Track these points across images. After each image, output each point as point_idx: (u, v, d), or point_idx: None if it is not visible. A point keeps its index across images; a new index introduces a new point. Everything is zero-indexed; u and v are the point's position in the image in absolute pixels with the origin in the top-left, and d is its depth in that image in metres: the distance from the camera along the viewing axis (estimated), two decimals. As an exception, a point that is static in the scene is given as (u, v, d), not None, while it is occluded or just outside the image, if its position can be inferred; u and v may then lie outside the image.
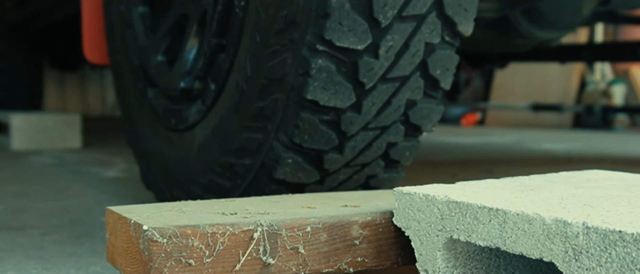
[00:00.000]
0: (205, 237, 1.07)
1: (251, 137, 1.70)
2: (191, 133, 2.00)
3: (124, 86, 2.48)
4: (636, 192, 1.15)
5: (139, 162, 2.42)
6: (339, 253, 1.19)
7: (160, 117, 2.17)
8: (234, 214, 1.17)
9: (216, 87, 1.86)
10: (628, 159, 4.81)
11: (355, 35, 1.50)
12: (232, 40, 1.79)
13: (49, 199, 2.69)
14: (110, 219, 1.20)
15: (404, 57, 1.58)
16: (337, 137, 1.62)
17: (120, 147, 4.86)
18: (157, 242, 1.04)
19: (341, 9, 1.48)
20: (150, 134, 2.28)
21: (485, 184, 1.24)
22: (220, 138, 1.83)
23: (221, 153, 1.82)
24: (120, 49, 2.45)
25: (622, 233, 0.85)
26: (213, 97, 1.88)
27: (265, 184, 1.71)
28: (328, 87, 1.54)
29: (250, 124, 1.70)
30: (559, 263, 0.92)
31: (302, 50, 1.53)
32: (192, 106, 2.00)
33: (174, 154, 2.10)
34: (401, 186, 1.21)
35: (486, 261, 1.17)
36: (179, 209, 1.20)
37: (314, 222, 1.16)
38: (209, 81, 1.91)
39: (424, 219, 1.13)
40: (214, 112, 1.88)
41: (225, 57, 1.83)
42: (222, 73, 1.84)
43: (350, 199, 1.39)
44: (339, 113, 1.58)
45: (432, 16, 1.58)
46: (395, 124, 1.69)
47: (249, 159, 1.73)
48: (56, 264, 1.71)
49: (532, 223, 0.96)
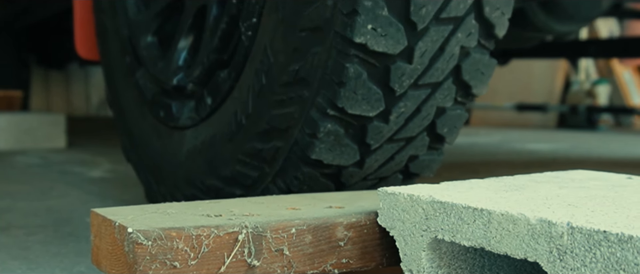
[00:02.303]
0: (190, 239, 1.07)
1: (245, 173, 1.66)
2: (181, 135, 1.93)
3: (108, 52, 2.35)
4: (620, 192, 1.16)
5: (122, 138, 2.33)
6: (324, 254, 1.19)
7: (149, 104, 2.08)
8: (218, 216, 1.16)
9: (212, 103, 1.79)
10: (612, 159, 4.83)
11: (369, 104, 1.46)
12: (235, 64, 1.72)
13: (33, 200, 2.68)
14: (95, 221, 1.19)
15: (414, 120, 1.54)
16: (335, 187, 1.62)
17: (105, 147, 4.85)
18: (142, 244, 1.03)
19: (358, 79, 1.42)
20: (137, 116, 2.17)
21: (470, 184, 1.24)
22: (210, 159, 1.77)
23: (208, 174, 1.78)
24: (107, 10, 2.31)
25: (607, 233, 0.85)
26: (208, 111, 1.81)
27: None
28: (334, 149, 1.51)
29: (245, 159, 1.66)
30: (544, 263, 0.92)
31: (311, 111, 1.48)
32: (185, 106, 1.92)
33: (162, 148, 2.03)
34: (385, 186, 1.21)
35: (471, 261, 1.17)
36: (164, 211, 1.20)
37: (299, 223, 1.16)
38: (205, 92, 1.83)
39: (409, 219, 1.13)
40: (207, 126, 1.81)
41: (226, 77, 1.75)
42: (220, 92, 1.77)
43: (334, 200, 1.38)
44: (340, 169, 1.57)
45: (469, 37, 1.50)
46: (419, 135, 1.62)
47: (240, 190, 1.69)
48: (41, 264, 1.71)
49: (517, 223, 0.96)
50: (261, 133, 1.60)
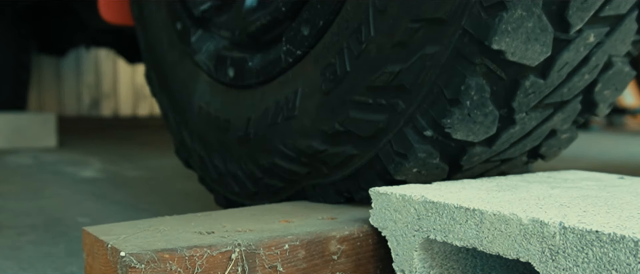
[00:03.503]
0: (183, 260, 1.06)
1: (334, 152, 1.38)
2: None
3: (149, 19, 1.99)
4: (613, 192, 1.16)
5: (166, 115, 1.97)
6: (318, 268, 1.18)
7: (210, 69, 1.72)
8: (211, 234, 1.16)
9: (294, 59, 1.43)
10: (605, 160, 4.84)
11: (480, 128, 1.19)
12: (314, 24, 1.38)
13: (24, 200, 2.67)
14: (87, 240, 1.18)
15: (518, 144, 1.30)
16: None
17: (96, 147, 4.84)
18: (135, 268, 1.02)
19: (479, 96, 1.13)
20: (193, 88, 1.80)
21: (462, 184, 1.24)
22: None
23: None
24: None
25: (599, 233, 0.85)
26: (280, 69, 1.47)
27: None
28: (421, 172, 1.27)
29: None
30: (536, 263, 0.92)
31: (405, 129, 1.23)
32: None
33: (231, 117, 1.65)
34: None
35: (463, 261, 1.17)
36: (156, 228, 1.19)
37: (292, 239, 1.15)
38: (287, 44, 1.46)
39: (401, 220, 1.13)
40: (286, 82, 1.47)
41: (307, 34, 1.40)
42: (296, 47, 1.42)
43: (327, 211, 1.37)
44: None
45: None
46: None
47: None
48: (32, 264, 1.70)
49: (509, 223, 0.96)
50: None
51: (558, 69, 1.14)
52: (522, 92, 1.15)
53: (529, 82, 1.13)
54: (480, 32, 1.07)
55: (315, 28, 1.36)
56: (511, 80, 1.13)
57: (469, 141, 1.21)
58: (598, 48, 1.18)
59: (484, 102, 1.14)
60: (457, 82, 1.12)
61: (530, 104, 1.18)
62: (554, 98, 1.21)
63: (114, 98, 8.96)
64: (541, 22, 1.07)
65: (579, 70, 1.18)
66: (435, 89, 1.16)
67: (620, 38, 1.19)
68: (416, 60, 1.16)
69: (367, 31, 1.23)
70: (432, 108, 1.17)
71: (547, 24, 1.08)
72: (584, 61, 1.18)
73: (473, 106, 1.14)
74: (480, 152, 1.27)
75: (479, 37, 1.07)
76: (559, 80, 1.17)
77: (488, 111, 1.16)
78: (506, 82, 1.13)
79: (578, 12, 1.08)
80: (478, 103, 1.14)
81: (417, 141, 1.22)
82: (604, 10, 1.11)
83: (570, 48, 1.13)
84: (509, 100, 1.16)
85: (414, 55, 1.16)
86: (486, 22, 1.06)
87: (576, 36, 1.12)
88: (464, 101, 1.13)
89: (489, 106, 1.15)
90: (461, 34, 1.09)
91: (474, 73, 1.11)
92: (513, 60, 1.09)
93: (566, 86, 1.20)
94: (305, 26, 1.39)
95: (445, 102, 1.15)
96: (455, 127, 1.17)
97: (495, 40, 1.06)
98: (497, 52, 1.08)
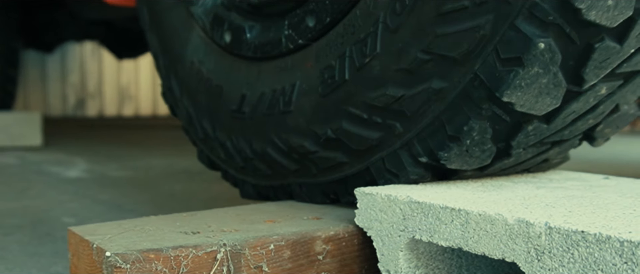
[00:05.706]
0: (169, 260, 1.06)
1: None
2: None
3: None
4: (598, 192, 1.16)
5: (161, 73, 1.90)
6: (303, 268, 1.18)
7: (207, 27, 1.64)
8: (196, 234, 1.15)
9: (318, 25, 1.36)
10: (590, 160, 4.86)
11: (475, 161, 1.18)
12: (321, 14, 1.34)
13: (10, 200, 2.66)
14: (72, 240, 1.18)
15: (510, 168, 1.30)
16: None
17: (82, 147, 4.82)
18: (121, 268, 1.02)
19: (480, 137, 1.13)
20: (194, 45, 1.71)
21: (448, 185, 1.24)
22: None
23: None
24: None
25: (585, 233, 0.85)
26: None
27: None
28: None
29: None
30: (521, 263, 0.92)
31: (400, 152, 1.23)
32: None
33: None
34: (364, 187, 1.21)
35: (448, 261, 1.17)
36: (141, 228, 1.19)
37: (277, 239, 1.15)
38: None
39: (386, 220, 1.13)
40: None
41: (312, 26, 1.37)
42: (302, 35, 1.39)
43: (312, 211, 1.37)
44: None
45: None
46: None
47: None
48: (18, 264, 1.69)
49: (495, 223, 0.96)
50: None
51: (564, 117, 1.14)
52: (523, 134, 1.14)
53: (533, 126, 1.13)
54: (492, 82, 1.06)
55: (321, 23, 1.33)
56: (514, 123, 1.12)
57: (461, 170, 1.22)
58: (608, 98, 1.16)
59: (484, 142, 1.14)
60: (461, 122, 1.12)
61: (529, 143, 1.18)
62: (554, 138, 1.21)
63: (99, 98, 8.94)
64: (556, 78, 1.05)
65: (585, 116, 1.18)
66: (437, 122, 1.15)
67: (632, 89, 1.18)
68: (421, 91, 1.14)
69: (373, 46, 1.21)
70: (431, 139, 1.17)
71: (561, 80, 1.05)
72: (591, 110, 1.17)
73: (472, 144, 1.14)
74: (471, 175, 1.28)
75: (490, 86, 1.06)
76: (562, 125, 1.16)
77: (486, 148, 1.16)
78: (509, 124, 1.12)
79: (595, 70, 1.05)
80: (478, 142, 1.13)
81: (411, 164, 1.21)
82: (621, 68, 1.09)
83: (580, 99, 1.11)
84: (509, 139, 1.16)
85: (419, 86, 1.14)
86: (500, 74, 1.04)
87: (588, 89, 1.10)
88: (465, 140, 1.13)
89: (488, 144, 1.15)
90: (472, 78, 1.08)
91: (478, 116, 1.10)
92: (519, 111, 1.09)
93: (568, 128, 1.19)
94: (311, 17, 1.36)
95: (446, 137, 1.14)
96: (451, 160, 1.17)
97: (507, 94, 1.05)
98: (506, 103, 1.07)
